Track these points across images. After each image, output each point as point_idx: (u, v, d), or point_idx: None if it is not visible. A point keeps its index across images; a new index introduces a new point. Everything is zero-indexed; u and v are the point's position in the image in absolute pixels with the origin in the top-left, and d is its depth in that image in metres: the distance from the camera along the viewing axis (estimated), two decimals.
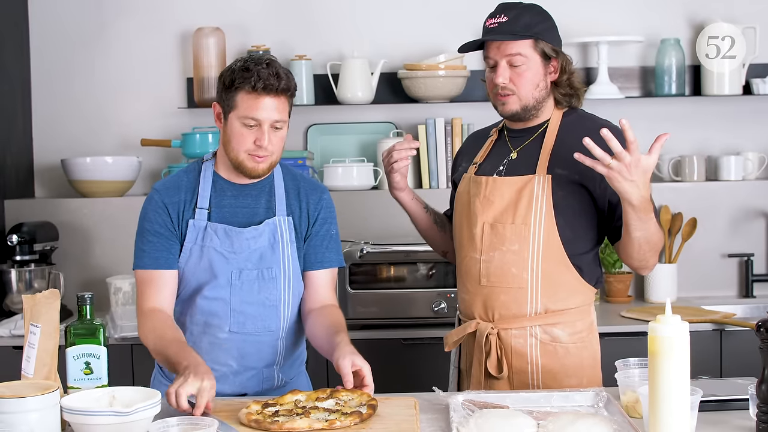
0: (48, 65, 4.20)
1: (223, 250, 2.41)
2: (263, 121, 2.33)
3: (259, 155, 2.36)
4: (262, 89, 2.31)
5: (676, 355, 1.78)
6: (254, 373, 2.46)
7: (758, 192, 4.06)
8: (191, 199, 2.45)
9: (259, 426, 1.98)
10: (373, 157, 4.09)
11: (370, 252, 3.56)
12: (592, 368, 2.50)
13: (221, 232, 2.41)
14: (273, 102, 2.33)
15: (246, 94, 2.32)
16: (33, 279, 3.79)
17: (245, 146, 2.36)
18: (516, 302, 2.45)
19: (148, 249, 2.42)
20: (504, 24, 2.43)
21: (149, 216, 2.44)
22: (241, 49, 4.12)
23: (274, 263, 2.43)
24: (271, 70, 2.32)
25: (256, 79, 2.30)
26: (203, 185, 2.45)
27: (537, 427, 1.93)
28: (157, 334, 2.33)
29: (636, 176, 2.18)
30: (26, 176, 4.18)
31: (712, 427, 1.98)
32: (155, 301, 2.40)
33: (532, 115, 2.51)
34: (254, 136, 2.35)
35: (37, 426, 1.81)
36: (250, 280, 2.42)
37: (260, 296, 2.43)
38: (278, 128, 2.36)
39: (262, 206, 2.46)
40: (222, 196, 2.45)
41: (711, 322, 3.48)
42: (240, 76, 2.33)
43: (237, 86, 2.33)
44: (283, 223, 2.45)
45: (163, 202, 2.44)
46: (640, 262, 2.41)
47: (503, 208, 2.46)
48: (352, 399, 2.11)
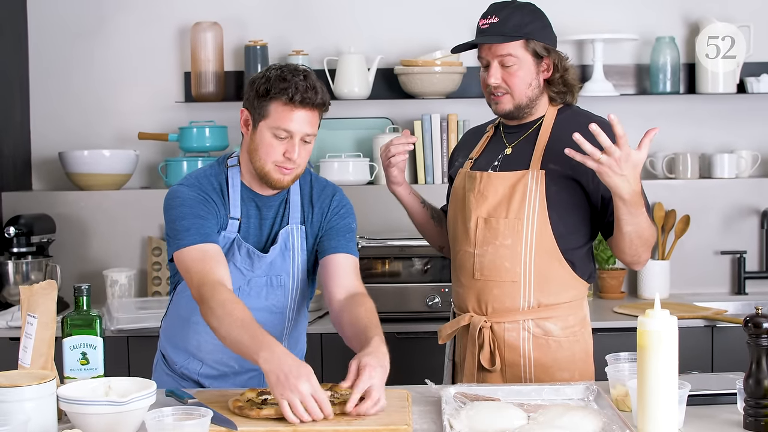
0: (46, 58, 4.21)
1: (242, 267, 2.39)
2: (295, 133, 2.28)
3: (287, 167, 2.30)
4: (299, 102, 2.26)
5: (664, 349, 1.80)
6: (254, 374, 2.47)
7: (751, 190, 4.08)
8: (223, 203, 2.38)
9: (241, 412, 2.01)
10: (369, 153, 4.11)
11: (365, 246, 3.58)
12: (584, 362, 2.52)
13: (245, 251, 2.38)
14: (307, 115, 2.28)
15: (282, 105, 2.26)
16: (30, 271, 3.80)
17: (273, 157, 2.30)
18: (509, 296, 2.47)
19: (194, 226, 2.28)
20: (495, 25, 2.45)
21: (188, 202, 2.31)
22: (239, 44, 4.14)
23: (283, 271, 2.42)
24: (309, 82, 2.27)
25: (293, 90, 2.25)
26: (233, 193, 2.39)
27: (527, 420, 1.95)
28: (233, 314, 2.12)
29: (626, 171, 2.20)
30: (24, 169, 4.19)
31: (700, 420, 2.00)
32: (219, 274, 2.21)
33: (526, 113, 2.53)
34: (284, 147, 2.29)
35: (33, 415, 1.82)
36: (258, 286, 2.41)
37: (267, 303, 2.42)
38: (307, 142, 2.32)
39: (280, 215, 2.43)
40: (249, 207, 2.41)
41: (703, 319, 3.50)
42: (276, 86, 2.26)
43: (272, 96, 2.26)
44: (296, 232, 2.42)
45: (206, 194, 2.35)
46: (632, 257, 2.43)
47: (497, 203, 2.48)
48: (349, 394, 2.12)
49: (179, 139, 4.02)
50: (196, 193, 2.35)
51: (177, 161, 3.97)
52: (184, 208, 2.31)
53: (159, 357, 2.59)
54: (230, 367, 2.46)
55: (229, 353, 2.32)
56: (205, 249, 2.26)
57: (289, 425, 1.95)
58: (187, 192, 2.35)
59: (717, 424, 1.99)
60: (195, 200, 2.33)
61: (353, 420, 1.98)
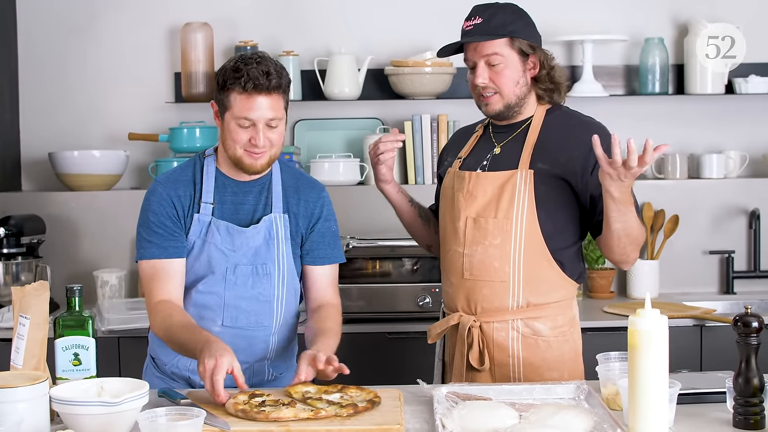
0: (35, 59, 4.20)
1: (223, 247, 2.42)
2: (257, 120, 2.33)
3: (255, 152, 2.36)
4: (252, 89, 2.30)
5: (654, 348, 1.82)
6: (245, 367, 2.46)
7: (740, 190, 4.10)
8: (194, 193, 2.45)
9: (246, 415, 2.00)
10: (360, 153, 4.12)
11: (355, 247, 3.59)
12: (573, 362, 2.53)
13: (223, 229, 2.42)
14: (265, 101, 2.32)
15: (238, 94, 2.32)
16: (20, 272, 3.80)
17: (241, 144, 2.36)
18: (498, 296, 2.48)
19: (154, 239, 2.40)
20: (479, 25, 2.48)
21: (154, 208, 2.42)
22: (229, 45, 4.14)
23: (268, 259, 2.45)
24: (262, 68, 2.31)
25: (246, 79, 2.29)
26: (206, 180, 2.45)
27: (519, 419, 1.96)
28: (166, 323, 2.33)
29: (628, 178, 2.24)
30: (13, 169, 4.18)
31: (690, 419, 2.01)
32: (164, 292, 2.38)
33: (516, 112, 2.54)
34: (249, 134, 2.34)
35: (26, 416, 1.82)
36: (244, 275, 2.43)
37: (254, 291, 2.44)
38: (273, 126, 2.36)
39: (261, 203, 2.47)
40: (224, 192, 2.46)
41: (692, 318, 3.52)
42: (231, 77, 2.32)
43: (229, 87, 2.32)
44: (279, 220, 2.46)
45: (168, 195, 2.43)
46: (620, 255, 2.44)
47: (486, 203, 2.49)
48: (358, 395, 2.13)
49: (169, 139, 4.02)
50: (166, 192, 2.43)
51: (167, 162, 3.96)
52: (150, 215, 2.42)
53: (148, 360, 2.60)
54: None
55: None
56: (156, 267, 2.40)
57: (282, 425, 1.95)
58: (155, 196, 2.44)
59: (707, 422, 2.00)
60: (161, 204, 2.42)
61: (346, 420, 1.98)
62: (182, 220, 2.43)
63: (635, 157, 2.18)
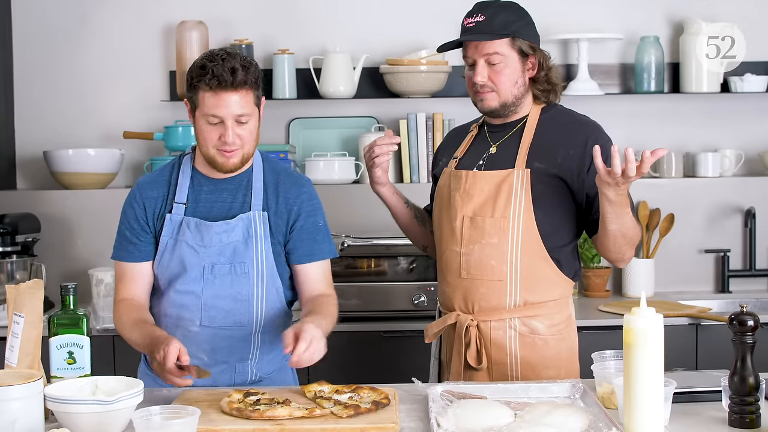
0: (31, 57, 4.19)
1: (194, 243, 2.42)
2: (225, 117, 2.32)
3: (227, 150, 2.36)
4: (217, 86, 2.29)
5: (650, 346, 1.81)
6: (225, 367, 2.47)
7: (735, 189, 4.11)
8: (168, 194, 2.46)
9: (241, 414, 2.00)
10: (355, 152, 4.11)
11: (351, 245, 3.58)
12: (570, 360, 2.53)
13: (193, 225, 2.42)
14: (232, 97, 2.31)
15: (205, 92, 2.32)
16: (15, 270, 3.79)
17: (212, 143, 2.36)
18: (495, 295, 2.48)
19: (122, 242, 2.49)
20: (481, 23, 2.46)
21: (125, 210, 2.50)
22: (224, 43, 4.13)
23: (246, 258, 2.43)
24: (228, 65, 2.30)
25: (210, 76, 2.29)
26: (181, 180, 2.47)
27: (514, 417, 1.96)
28: (123, 321, 2.42)
29: (625, 185, 2.25)
30: (8, 168, 4.17)
31: (686, 417, 2.02)
32: (126, 292, 2.48)
33: (511, 111, 2.54)
34: (219, 132, 2.34)
35: (20, 414, 1.82)
36: (222, 274, 2.42)
37: (232, 290, 2.43)
38: (243, 122, 2.35)
39: (239, 201, 2.46)
40: (199, 191, 2.46)
41: (687, 317, 3.52)
42: (197, 75, 2.32)
43: (196, 84, 2.33)
44: (258, 218, 2.44)
45: (141, 197, 2.47)
46: (616, 254, 2.45)
47: (483, 202, 2.49)
48: (369, 396, 2.13)
49: (164, 138, 4.01)
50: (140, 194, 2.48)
51: (162, 160, 3.95)
52: (122, 217, 2.51)
53: (142, 360, 2.61)
54: (200, 359, 2.43)
55: (200, 345, 2.43)
56: (122, 267, 2.50)
57: (276, 424, 1.95)
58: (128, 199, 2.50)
59: (702, 421, 2.01)
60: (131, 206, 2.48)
61: (341, 419, 1.98)
62: (152, 221, 2.46)
63: (633, 167, 2.18)
